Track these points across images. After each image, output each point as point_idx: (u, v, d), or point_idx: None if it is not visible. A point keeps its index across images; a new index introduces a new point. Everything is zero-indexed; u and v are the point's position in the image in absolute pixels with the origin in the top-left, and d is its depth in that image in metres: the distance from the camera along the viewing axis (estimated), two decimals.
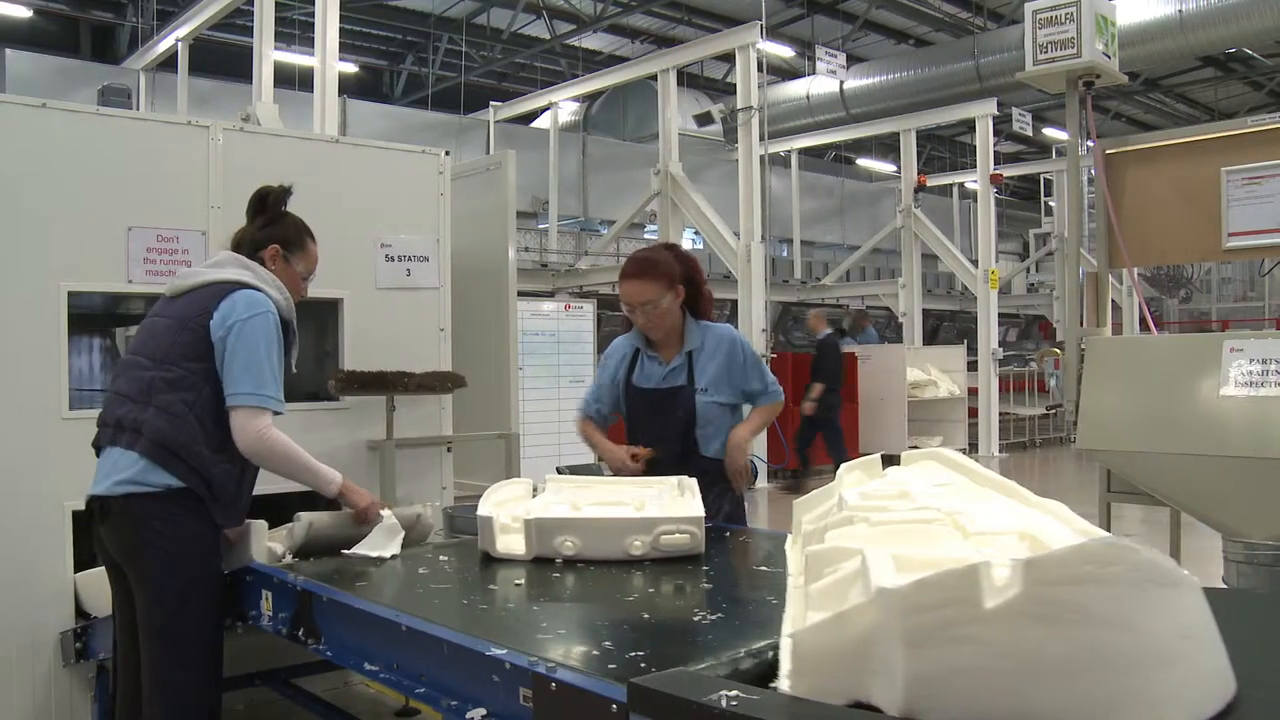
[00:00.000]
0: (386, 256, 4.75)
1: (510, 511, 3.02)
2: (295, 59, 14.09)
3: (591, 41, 20.86)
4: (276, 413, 2.98)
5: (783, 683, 1.53)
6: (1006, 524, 1.99)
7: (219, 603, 2.99)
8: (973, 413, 15.11)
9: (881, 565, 1.59)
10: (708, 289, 3.89)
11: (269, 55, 7.54)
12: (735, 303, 12.00)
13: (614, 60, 19.84)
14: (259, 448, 2.94)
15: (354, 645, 2.48)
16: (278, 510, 3.41)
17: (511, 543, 2.89)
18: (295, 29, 14.71)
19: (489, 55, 20.92)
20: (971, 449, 14.50)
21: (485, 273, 5.52)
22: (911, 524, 2.00)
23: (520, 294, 7.90)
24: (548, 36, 19.80)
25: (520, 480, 3.46)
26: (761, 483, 12.06)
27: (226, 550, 3.11)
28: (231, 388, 2.93)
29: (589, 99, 20.78)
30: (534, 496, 3.25)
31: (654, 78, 12.45)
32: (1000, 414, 15.53)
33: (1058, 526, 1.99)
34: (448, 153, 4.99)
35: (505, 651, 1.95)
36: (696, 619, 2.25)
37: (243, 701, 4.32)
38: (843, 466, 2.75)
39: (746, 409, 3.91)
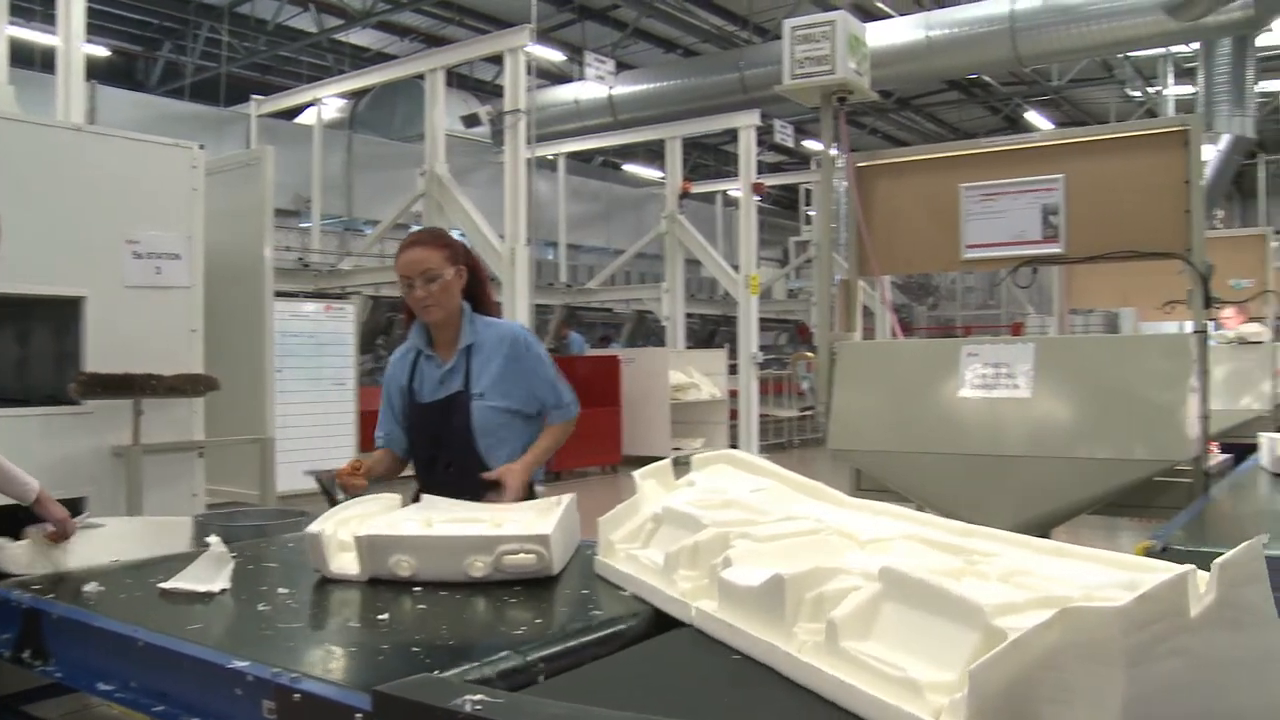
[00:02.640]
0: (134, 253, 4.56)
1: (354, 529, 2.67)
2: (37, 37, 13.22)
3: (360, 37, 20.41)
4: None
5: None
6: (888, 529, 2.01)
7: None
8: (733, 415, 15.48)
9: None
10: (490, 284, 3.69)
11: (4, 31, 7.00)
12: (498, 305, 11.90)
13: (382, 58, 19.45)
14: None
15: (88, 664, 2.32)
16: None
17: (346, 562, 2.59)
18: (36, 4, 13.77)
19: (252, 46, 20.12)
20: (732, 449, 14.75)
21: (241, 272, 5.36)
22: (802, 536, 1.98)
23: (279, 294, 7.69)
24: (314, 30, 19.23)
25: (387, 495, 3.05)
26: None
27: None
28: None
29: (356, 96, 20.28)
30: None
31: (422, 77, 12.27)
32: (760, 416, 15.95)
33: (923, 528, 2.03)
34: (202, 146, 4.82)
35: (247, 664, 1.87)
36: (479, 627, 2.24)
37: None
38: (637, 474, 2.73)
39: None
